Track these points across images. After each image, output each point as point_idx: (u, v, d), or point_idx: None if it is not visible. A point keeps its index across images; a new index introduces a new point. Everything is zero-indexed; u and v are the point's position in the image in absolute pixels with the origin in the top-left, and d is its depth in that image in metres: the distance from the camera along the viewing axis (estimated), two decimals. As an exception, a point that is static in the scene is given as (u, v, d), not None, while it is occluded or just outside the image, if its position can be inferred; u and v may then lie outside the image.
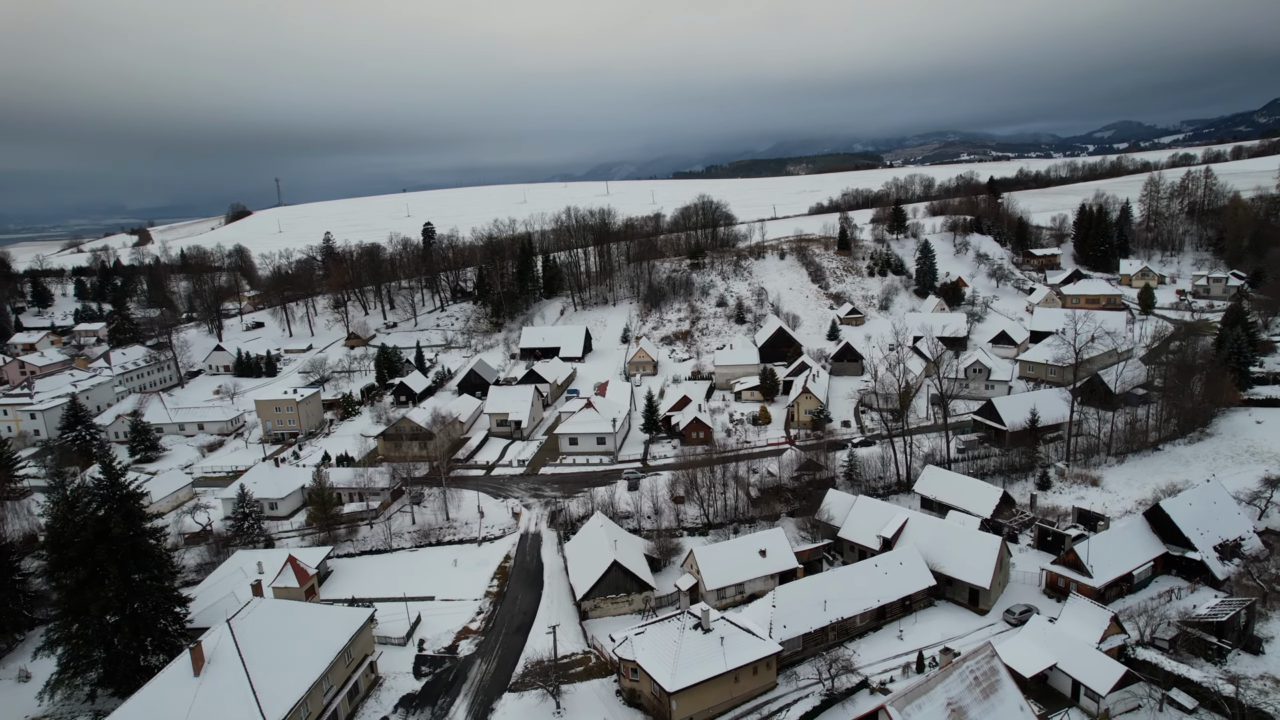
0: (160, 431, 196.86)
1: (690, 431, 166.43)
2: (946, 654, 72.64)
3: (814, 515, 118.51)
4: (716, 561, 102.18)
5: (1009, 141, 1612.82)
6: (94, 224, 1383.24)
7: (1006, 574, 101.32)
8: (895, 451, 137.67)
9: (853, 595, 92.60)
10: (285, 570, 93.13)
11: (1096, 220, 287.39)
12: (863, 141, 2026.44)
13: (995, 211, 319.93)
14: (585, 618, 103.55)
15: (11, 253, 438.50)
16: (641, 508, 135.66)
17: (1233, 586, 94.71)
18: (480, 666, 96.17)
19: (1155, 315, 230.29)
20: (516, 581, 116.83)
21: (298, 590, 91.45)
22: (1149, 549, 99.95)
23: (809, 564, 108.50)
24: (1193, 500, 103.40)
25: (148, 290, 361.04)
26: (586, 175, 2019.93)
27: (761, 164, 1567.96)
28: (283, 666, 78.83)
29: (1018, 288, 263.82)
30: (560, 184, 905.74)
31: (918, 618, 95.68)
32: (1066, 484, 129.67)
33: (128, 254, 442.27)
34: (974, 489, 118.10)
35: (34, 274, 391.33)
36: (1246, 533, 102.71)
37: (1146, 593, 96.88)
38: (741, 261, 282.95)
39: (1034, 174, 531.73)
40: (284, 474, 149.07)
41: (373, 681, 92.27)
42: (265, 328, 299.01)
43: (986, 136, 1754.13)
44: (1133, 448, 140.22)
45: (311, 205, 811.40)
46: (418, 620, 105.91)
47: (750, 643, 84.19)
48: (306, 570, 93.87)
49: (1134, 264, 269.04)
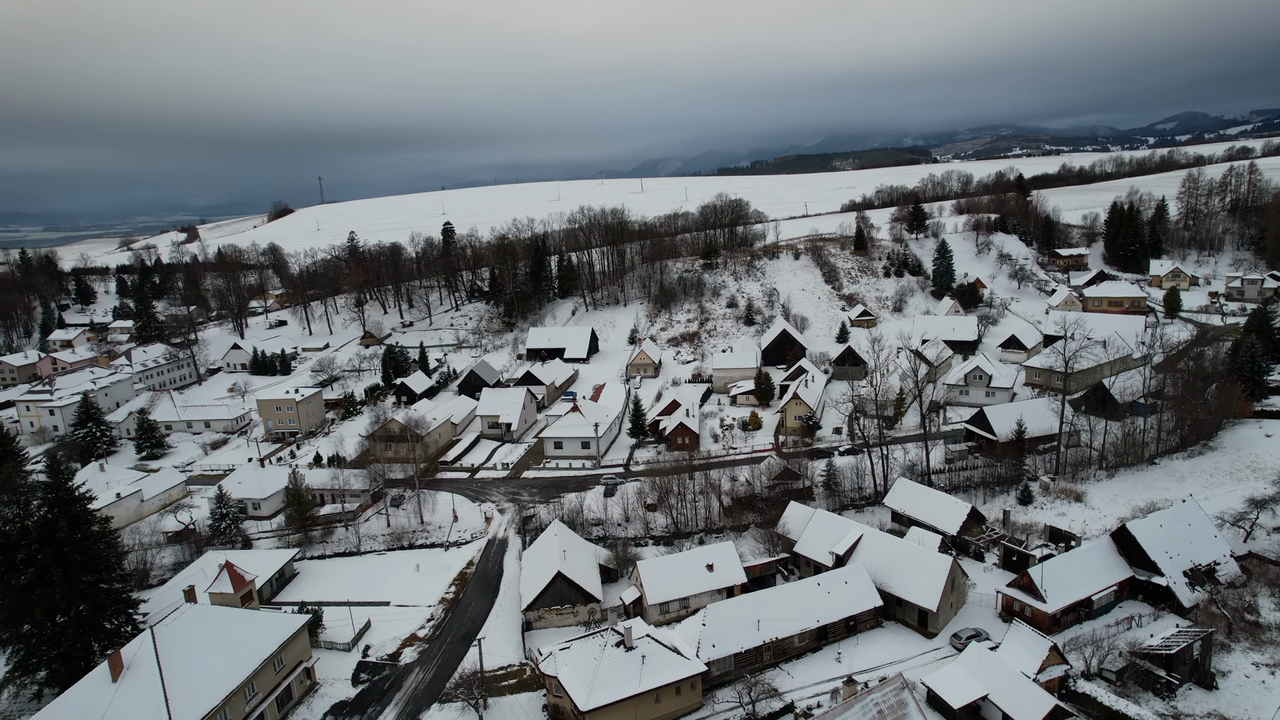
0: (169, 429, 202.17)
1: (676, 437, 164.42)
2: (850, 685, 69.87)
3: (774, 528, 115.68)
4: (660, 575, 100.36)
5: (1063, 135, 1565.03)
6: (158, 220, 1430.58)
7: (962, 595, 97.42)
8: (871, 462, 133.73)
9: (790, 615, 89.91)
10: (221, 576, 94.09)
11: (1128, 218, 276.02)
12: (913, 136, 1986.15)
13: (1023, 210, 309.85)
14: (530, 628, 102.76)
15: (60, 252, 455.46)
16: (611, 515, 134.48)
17: (1200, 615, 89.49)
18: (418, 675, 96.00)
19: (1181, 318, 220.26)
20: (474, 588, 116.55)
21: (233, 596, 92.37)
22: (1113, 572, 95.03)
23: (761, 579, 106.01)
24: (1164, 521, 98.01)
25: (183, 288, 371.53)
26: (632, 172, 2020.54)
27: (807, 159, 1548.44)
28: (203, 673, 79.47)
29: (1040, 289, 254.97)
30: (595, 181, 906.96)
31: (861, 639, 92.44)
32: (1049, 499, 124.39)
33: (168, 252, 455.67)
34: (942, 504, 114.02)
35: (78, 272, 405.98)
36: (1223, 557, 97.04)
37: (1107, 619, 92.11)
38: (755, 262, 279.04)
39: (1077, 169, 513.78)
40: (268, 474, 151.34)
41: (308, 688, 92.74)
42: (287, 326, 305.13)
43: (1040, 130, 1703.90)
44: (1127, 461, 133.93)
45: (350, 203, 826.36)
46: (367, 626, 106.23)
47: (673, 662, 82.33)
48: (243, 576, 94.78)
49: (1165, 264, 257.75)
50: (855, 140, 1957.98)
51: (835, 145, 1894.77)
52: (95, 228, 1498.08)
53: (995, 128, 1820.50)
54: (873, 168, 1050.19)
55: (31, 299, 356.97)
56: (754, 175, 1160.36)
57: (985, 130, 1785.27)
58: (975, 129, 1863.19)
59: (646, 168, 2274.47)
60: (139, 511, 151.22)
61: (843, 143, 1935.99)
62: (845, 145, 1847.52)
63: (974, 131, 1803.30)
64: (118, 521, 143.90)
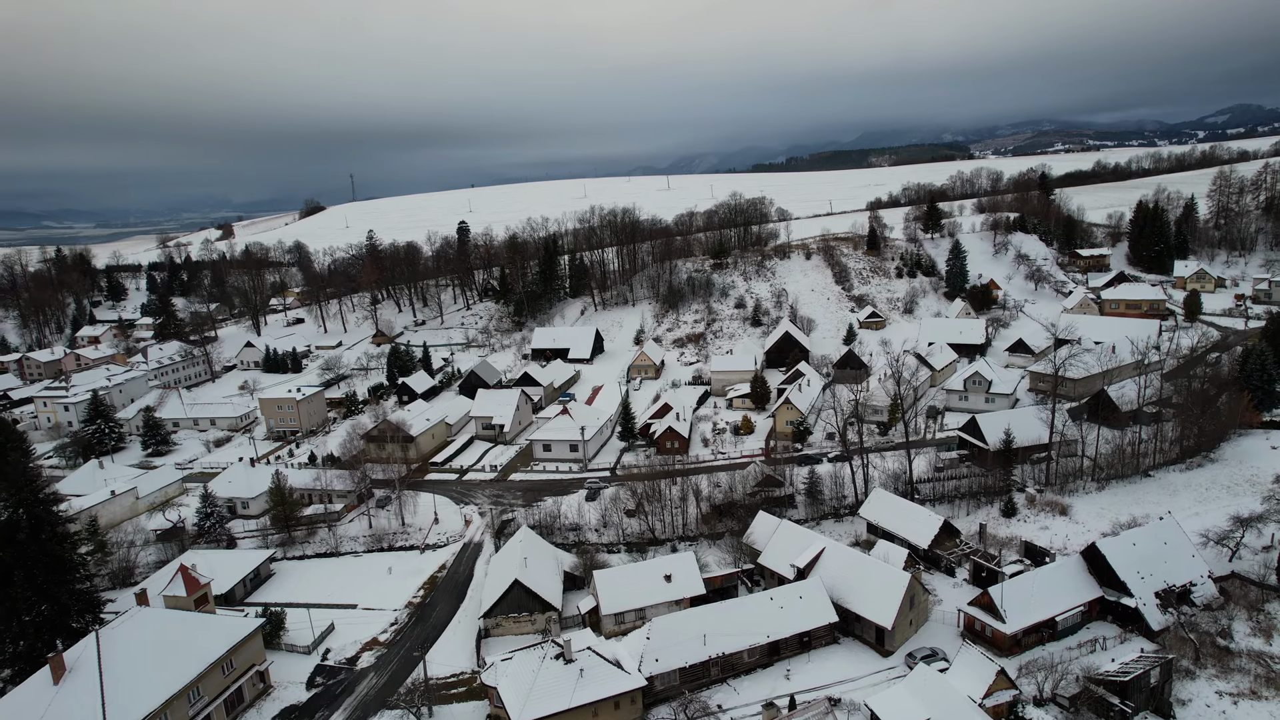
0: (176, 426, 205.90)
1: (665, 440, 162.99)
2: (770, 709, 67.96)
3: (741, 538, 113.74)
4: (616, 585, 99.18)
5: (1108, 130, 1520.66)
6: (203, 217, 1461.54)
7: (923, 613, 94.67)
8: (852, 469, 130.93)
9: (739, 629, 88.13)
10: (175, 579, 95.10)
11: (1153, 217, 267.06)
12: (952, 131, 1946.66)
13: (1045, 208, 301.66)
14: (487, 635, 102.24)
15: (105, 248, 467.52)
16: (589, 520, 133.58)
17: (1169, 639, 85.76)
18: (372, 680, 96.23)
19: (1202, 322, 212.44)
20: (442, 593, 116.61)
21: (187, 599, 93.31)
22: (1081, 592, 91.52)
23: (723, 590, 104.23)
24: (1138, 539, 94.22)
25: (209, 285, 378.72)
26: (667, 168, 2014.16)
27: (843, 155, 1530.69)
28: (146, 676, 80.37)
29: (1057, 291, 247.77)
30: (624, 179, 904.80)
31: (813, 656, 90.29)
32: (1034, 511, 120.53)
33: (198, 249, 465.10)
34: (916, 516, 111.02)
35: (110, 269, 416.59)
36: (1200, 578, 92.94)
37: (1072, 640, 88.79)
38: (766, 262, 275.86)
39: (1112, 166, 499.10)
40: (257, 474, 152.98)
41: (261, 691, 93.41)
42: (303, 324, 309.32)
43: (1084, 124, 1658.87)
44: (1122, 473, 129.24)
45: (380, 201, 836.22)
46: (330, 628, 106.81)
47: (612, 676, 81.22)
48: (198, 580, 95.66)
49: (1190, 265, 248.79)
50: (893, 136, 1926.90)
51: (873, 141, 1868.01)
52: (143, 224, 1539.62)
53: (1037, 123, 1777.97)
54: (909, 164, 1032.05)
55: (65, 296, 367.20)
56: (787, 172, 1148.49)
57: (1026, 125, 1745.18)
58: (1016, 124, 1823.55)
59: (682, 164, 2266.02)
60: (133, 509, 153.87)
61: (880, 138, 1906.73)
62: (883, 141, 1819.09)
63: (1015, 127, 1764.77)
64: (111, 519, 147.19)
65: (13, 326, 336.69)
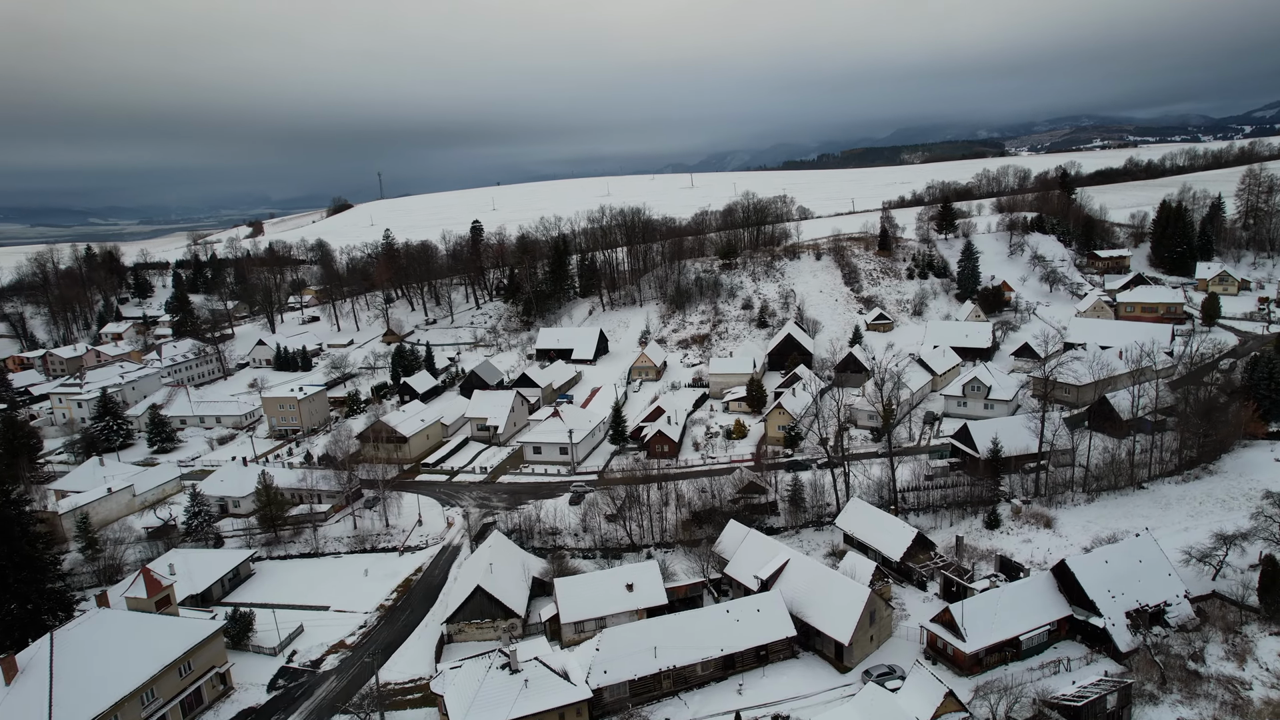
0: (184, 423, 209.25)
1: (654, 444, 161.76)
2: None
3: (712, 546, 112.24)
4: (577, 593, 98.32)
5: (1150, 125, 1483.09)
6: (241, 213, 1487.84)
7: (887, 628, 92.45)
8: (834, 476, 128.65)
9: (692, 642, 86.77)
10: (137, 581, 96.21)
11: (1175, 217, 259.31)
12: (988, 128, 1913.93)
13: (1066, 208, 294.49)
14: (450, 641, 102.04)
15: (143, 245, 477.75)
16: (569, 524, 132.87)
17: (1138, 661, 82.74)
18: (332, 684, 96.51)
19: (1221, 326, 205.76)
20: (415, 596, 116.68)
21: (147, 601, 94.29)
22: (1049, 611, 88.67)
23: (689, 600, 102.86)
24: (1111, 557, 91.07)
25: (232, 283, 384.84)
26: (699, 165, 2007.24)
27: (875, 152, 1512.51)
28: (99, 678, 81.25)
29: (1073, 293, 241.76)
30: (648, 176, 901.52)
31: (768, 671, 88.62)
32: (1018, 524, 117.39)
33: (223, 247, 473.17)
34: (890, 527, 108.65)
35: (138, 267, 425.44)
36: (1176, 598, 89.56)
37: (1037, 660, 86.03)
38: (775, 262, 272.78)
39: (1145, 163, 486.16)
40: (249, 473, 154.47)
41: (221, 693, 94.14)
42: (318, 323, 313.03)
43: (1125, 120, 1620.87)
44: (1115, 484, 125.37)
45: (406, 199, 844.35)
46: (299, 630, 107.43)
47: (558, 687, 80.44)
48: (159, 581, 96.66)
49: (1213, 267, 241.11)
50: (928, 132, 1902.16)
51: (906, 138, 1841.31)
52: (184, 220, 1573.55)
53: (1075, 118, 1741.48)
54: (942, 161, 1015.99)
55: (94, 293, 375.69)
56: (818, 169, 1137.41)
57: (1064, 121, 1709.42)
58: (1054, 120, 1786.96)
59: (713, 161, 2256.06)
60: (130, 506, 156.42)
61: (914, 135, 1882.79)
62: (917, 138, 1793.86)
63: (1052, 123, 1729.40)
64: (107, 516, 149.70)
65: (41, 323, 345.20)
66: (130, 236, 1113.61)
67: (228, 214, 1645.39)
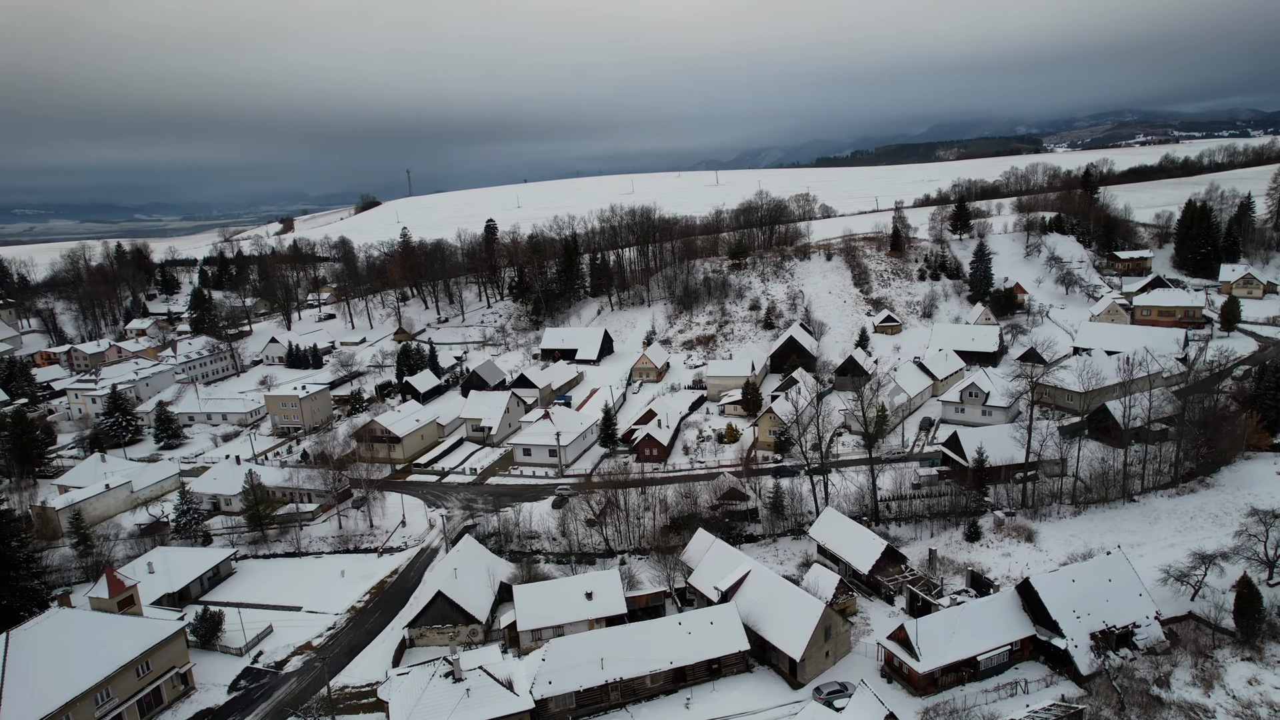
0: (192, 420, 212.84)
1: (643, 448, 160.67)
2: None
3: (678, 554, 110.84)
4: (535, 601, 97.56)
5: (1197, 119, 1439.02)
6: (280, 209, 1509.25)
7: (845, 644, 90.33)
8: (813, 484, 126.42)
9: (642, 654, 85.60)
10: (101, 581, 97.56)
11: (1200, 217, 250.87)
12: (1027, 123, 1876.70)
13: (1087, 208, 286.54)
14: (412, 645, 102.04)
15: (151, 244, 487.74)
16: (548, 528, 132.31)
17: (1100, 684, 79.78)
18: (292, 686, 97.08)
19: (1241, 331, 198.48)
20: (387, 599, 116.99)
21: (109, 601, 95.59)
22: (1011, 630, 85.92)
23: (651, 609, 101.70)
24: (1079, 575, 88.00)
25: (256, 280, 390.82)
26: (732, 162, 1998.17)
27: (910, 149, 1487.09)
28: (51, 678, 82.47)
29: (1089, 295, 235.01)
30: (673, 174, 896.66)
31: (722, 685, 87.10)
32: (999, 536, 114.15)
33: (250, 244, 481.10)
34: (861, 539, 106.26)
35: (166, 264, 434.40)
36: (1145, 619, 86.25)
37: (995, 681, 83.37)
38: (785, 263, 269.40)
39: (1180, 160, 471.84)
40: (240, 472, 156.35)
41: (181, 693, 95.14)
42: (333, 320, 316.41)
43: (1170, 114, 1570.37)
44: (1106, 496, 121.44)
45: (432, 197, 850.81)
46: (268, 630, 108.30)
47: (501, 697, 79.87)
48: (122, 581, 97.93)
49: (1238, 269, 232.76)
50: (964, 128, 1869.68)
51: (942, 134, 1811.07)
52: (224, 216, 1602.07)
53: (1118, 113, 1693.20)
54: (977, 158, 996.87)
55: (122, 290, 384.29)
56: (851, 166, 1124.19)
57: (1107, 116, 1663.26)
58: (1096, 115, 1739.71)
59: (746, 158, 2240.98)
60: (128, 502, 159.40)
61: (950, 131, 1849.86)
62: (953, 134, 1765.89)
63: (1094, 118, 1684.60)
64: (105, 512, 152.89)
65: (71, 319, 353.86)
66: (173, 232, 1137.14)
67: (267, 210, 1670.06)
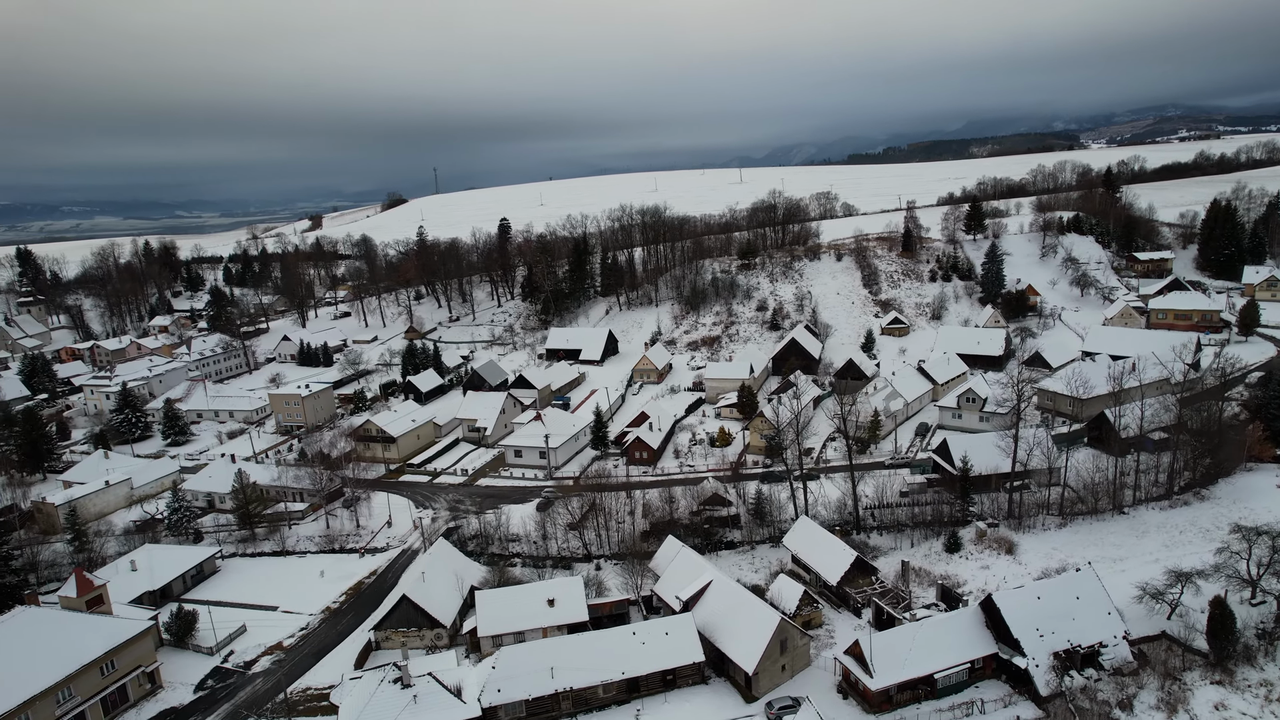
0: (200, 417, 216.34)
1: (634, 450, 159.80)
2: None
3: (648, 561, 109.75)
4: (496, 606, 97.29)
5: (1243, 114, 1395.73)
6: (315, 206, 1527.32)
7: (803, 658, 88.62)
8: (792, 491, 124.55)
9: (594, 664, 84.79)
10: (69, 581, 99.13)
11: (1224, 217, 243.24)
12: (1064, 119, 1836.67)
13: (1108, 207, 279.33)
14: (378, 648, 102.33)
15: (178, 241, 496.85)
16: (530, 531, 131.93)
17: (1060, 707, 77.31)
18: (256, 686, 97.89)
19: (1260, 336, 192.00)
20: (362, 600, 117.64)
21: (78, 600, 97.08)
22: (973, 647, 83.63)
23: (616, 616, 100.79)
24: (1045, 592, 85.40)
25: (279, 277, 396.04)
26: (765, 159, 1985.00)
27: (944, 145, 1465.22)
28: (11, 676, 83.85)
29: (1105, 298, 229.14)
30: (697, 171, 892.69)
31: (674, 696, 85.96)
32: (979, 548, 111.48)
33: (274, 242, 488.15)
34: (831, 549, 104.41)
35: (191, 261, 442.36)
36: (1113, 638, 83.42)
37: (952, 700, 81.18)
38: (795, 263, 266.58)
39: (1216, 157, 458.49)
40: (235, 470, 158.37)
41: (147, 691, 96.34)
42: (348, 318, 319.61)
43: (1215, 109, 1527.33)
44: (1095, 508, 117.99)
45: (457, 194, 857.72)
46: (241, 630, 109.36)
47: (448, 705, 79.68)
48: (91, 581, 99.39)
49: (1262, 271, 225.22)
50: (1000, 124, 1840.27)
51: (977, 130, 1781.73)
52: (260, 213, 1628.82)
53: (1160, 108, 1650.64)
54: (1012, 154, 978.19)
55: (149, 287, 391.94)
56: (882, 164, 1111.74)
57: (1148, 111, 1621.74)
58: (1136, 110, 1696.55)
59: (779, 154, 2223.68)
60: (127, 499, 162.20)
61: (986, 127, 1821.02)
62: (988, 130, 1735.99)
63: (1134, 113, 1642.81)
64: (104, 509, 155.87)
65: (98, 316, 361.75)
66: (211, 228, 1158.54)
67: (303, 206, 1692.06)
